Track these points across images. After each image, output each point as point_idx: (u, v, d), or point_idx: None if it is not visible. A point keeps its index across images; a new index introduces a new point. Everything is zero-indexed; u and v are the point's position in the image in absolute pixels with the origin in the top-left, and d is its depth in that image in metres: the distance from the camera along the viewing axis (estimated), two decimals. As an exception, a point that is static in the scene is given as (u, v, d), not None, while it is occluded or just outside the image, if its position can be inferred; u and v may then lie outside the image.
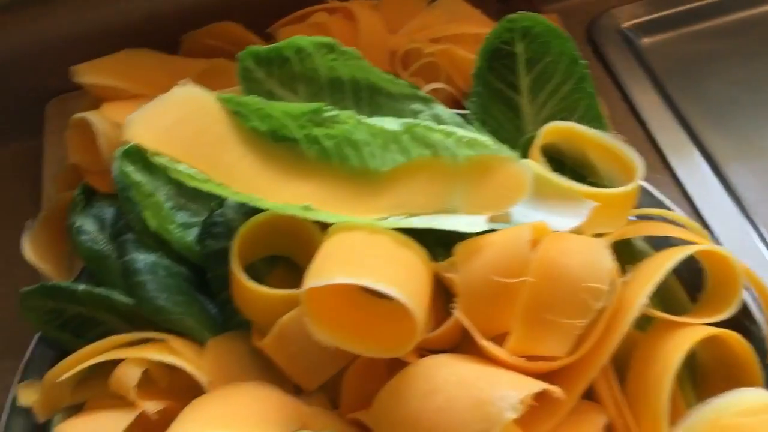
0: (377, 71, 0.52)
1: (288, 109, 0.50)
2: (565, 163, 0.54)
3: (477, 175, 0.47)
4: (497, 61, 0.54)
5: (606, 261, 0.42)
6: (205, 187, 0.47)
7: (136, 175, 0.51)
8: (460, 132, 0.47)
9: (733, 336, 0.44)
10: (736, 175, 0.67)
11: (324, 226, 0.46)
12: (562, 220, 0.46)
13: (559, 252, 0.42)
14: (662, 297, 0.50)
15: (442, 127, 0.48)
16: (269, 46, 0.51)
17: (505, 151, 0.47)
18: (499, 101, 0.55)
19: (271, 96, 0.52)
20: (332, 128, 0.49)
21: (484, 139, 0.47)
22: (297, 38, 0.50)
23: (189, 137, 0.48)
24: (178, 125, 0.48)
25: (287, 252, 0.50)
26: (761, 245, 0.62)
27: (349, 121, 0.48)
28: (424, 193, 0.47)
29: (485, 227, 0.45)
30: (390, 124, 0.48)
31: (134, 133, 0.46)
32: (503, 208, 0.46)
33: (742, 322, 0.48)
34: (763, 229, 0.63)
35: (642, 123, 0.70)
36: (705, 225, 0.64)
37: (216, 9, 0.70)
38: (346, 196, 0.49)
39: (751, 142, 0.69)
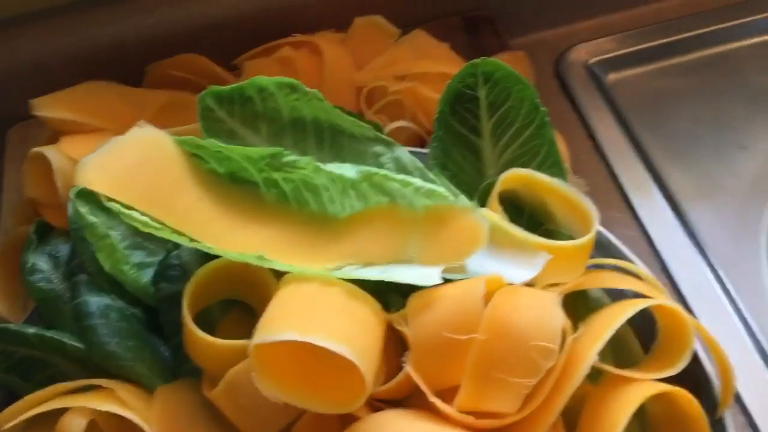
0: (340, 113, 0.52)
1: (247, 152, 0.50)
2: (524, 209, 0.54)
3: (434, 225, 0.47)
4: (460, 104, 0.54)
5: (556, 319, 0.42)
6: (159, 234, 0.46)
7: (91, 215, 0.51)
8: (418, 182, 0.48)
9: (682, 394, 0.44)
10: (696, 214, 0.67)
11: (280, 273, 0.46)
12: (517, 271, 0.47)
13: (510, 308, 0.42)
14: (615, 346, 0.50)
15: (400, 176, 0.48)
16: (231, 86, 0.51)
17: (462, 202, 0.47)
18: (460, 145, 0.55)
19: (232, 135, 0.52)
20: (291, 173, 0.49)
21: (441, 189, 0.47)
22: (259, 78, 0.50)
23: (144, 181, 0.47)
24: (133, 169, 0.47)
25: (242, 296, 0.49)
26: (717, 285, 0.63)
27: (307, 167, 0.48)
28: (381, 243, 0.47)
29: (439, 280, 0.45)
30: (348, 171, 0.48)
31: (87, 178, 0.46)
32: (459, 260, 0.46)
33: (695, 375, 0.48)
34: (720, 270, 0.64)
35: (605, 160, 0.71)
36: (662, 264, 0.64)
37: (182, 40, 0.69)
38: (303, 242, 0.49)
39: (712, 180, 0.70)
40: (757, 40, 0.79)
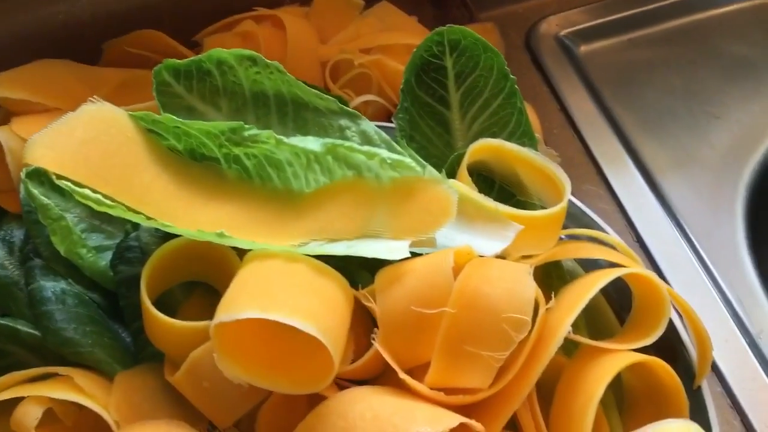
0: (302, 85, 0.50)
1: (206, 127, 0.47)
2: (495, 180, 0.53)
3: (401, 198, 0.45)
4: (426, 75, 0.53)
5: (528, 290, 0.41)
6: (114, 212, 0.44)
7: (43, 197, 0.49)
8: (384, 153, 0.46)
9: (658, 363, 0.43)
10: (670, 185, 0.66)
11: (243, 252, 0.44)
12: (488, 243, 0.45)
13: (480, 280, 0.41)
14: (589, 317, 0.49)
15: (365, 148, 0.46)
16: (188, 59, 0.49)
17: (430, 173, 0.46)
18: (428, 116, 0.53)
19: (191, 112, 0.50)
20: (253, 147, 0.47)
21: (408, 161, 0.46)
22: (218, 51, 0.48)
23: (97, 158, 0.45)
24: (85, 146, 0.45)
25: (205, 278, 0.48)
26: (692, 256, 0.62)
27: (269, 140, 0.46)
28: (346, 217, 0.45)
29: (407, 254, 0.43)
30: (312, 144, 0.46)
31: (35, 156, 0.43)
32: (427, 232, 0.44)
33: (671, 344, 0.47)
34: (695, 240, 0.63)
35: (578, 133, 0.70)
36: (638, 236, 0.63)
37: (140, 16, 0.67)
38: (266, 219, 0.47)
39: (686, 151, 0.69)
40: (728, 8, 0.78)
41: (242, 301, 0.40)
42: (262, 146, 0.47)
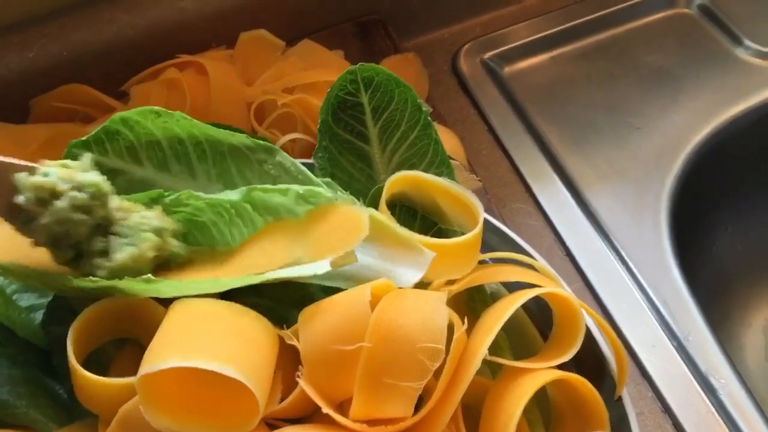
0: (210, 126, 0.51)
1: (130, 199, 0.49)
2: (417, 210, 0.54)
3: (316, 224, 0.47)
4: (343, 112, 0.54)
5: (440, 318, 0.42)
6: (31, 283, 0.45)
7: (-30, 262, 0.49)
8: (295, 187, 0.47)
9: (577, 379, 0.44)
10: (596, 198, 0.68)
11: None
12: (406, 271, 0.47)
13: (394, 312, 0.42)
14: (514, 337, 0.50)
15: (278, 186, 0.47)
16: (92, 132, 0.50)
17: (341, 197, 0.47)
18: (348, 153, 0.55)
19: (114, 174, 0.51)
20: (176, 213, 0.49)
21: (320, 190, 0.47)
22: (119, 113, 0.50)
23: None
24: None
25: (133, 335, 0.48)
26: (620, 266, 0.64)
27: (189, 201, 0.48)
28: (269, 253, 0.46)
29: (328, 268, 0.44)
30: (230, 195, 0.48)
31: None
32: (345, 249, 0.45)
33: (596, 357, 0.49)
34: (622, 250, 0.65)
35: (506, 153, 0.71)
36: (567, 250, 0.65)
37: (67, 70, 0.67)
38: (193, 269, 0.48)
39: (610, 164, 0.71)
40: (643, 21, 0.81)
41: (164, 351, 0.41)
42: (184, 210, 0.49)
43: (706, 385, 0.57)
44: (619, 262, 0.64)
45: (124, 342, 0.49)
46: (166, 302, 0.45)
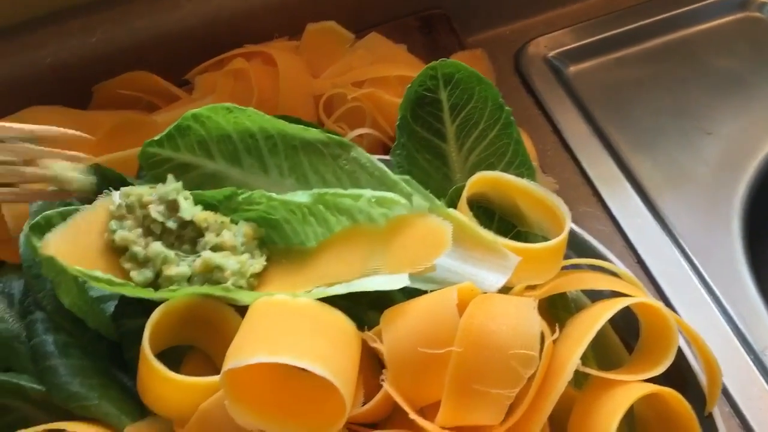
0: (283, 121, 0.51)
1: (205, 199, 0.49)
2: (495, 212, 0.53)
3: (397, 234, 0.46)
4: (421, 108, 0.53)
5: (533, 325, 0.41)
6: (125, 291, 0.46)
7: (45, 249, 0.48)
8: (368, 193, 0.47)
9: (670, 393, 0.43)
10: (667, 204, 0.67)
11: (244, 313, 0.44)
12: (489, 275, 0.45)
13: (485, 318, 0.41)
14: (597, 347, 0.49)
15: (349, 191, 0.47)
16: (164, 132, 0.50)
17: (417, 204, 0.46)
18: (425, 150, 0.54)
19: (185, 169, 0.52)
20: (249, 211, 0.49)
21: (393, 195, 0.46)
22: (190, 111, 0.50)
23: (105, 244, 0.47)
24: (97, 237, 0.47)
25: (203, 343, 0.47)
26: (693, 274, 0.63)
27: (262, 200, 0.48)
28: (344, 261, 0.46)
29: (407, 282, 0.44)
30: (301, 197, 0.48)
31: (61, 252, 0.45)
32: (425, 263, 0.44)
33: (680, 370, 0.47)
34: (694, 258, 0.63)
35: (572, 155, 0.70)
36: (638, 257, 0.64)
37: (128, 57, 0.66)
38: (271, 278, 0.48)
39: (680, 169, 0.69)
40: (714, 23, 0.79)
41: (251, 346, 0.40)
42: (257, 208, 0.48)
43: (783, 400, 0.56)
44: (692, 271, 0.62)
45: (187, 351, 0.48)
46: (242, 312, 0.45)
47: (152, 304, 0.46)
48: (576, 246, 0.53)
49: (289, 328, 0.41)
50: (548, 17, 0.80)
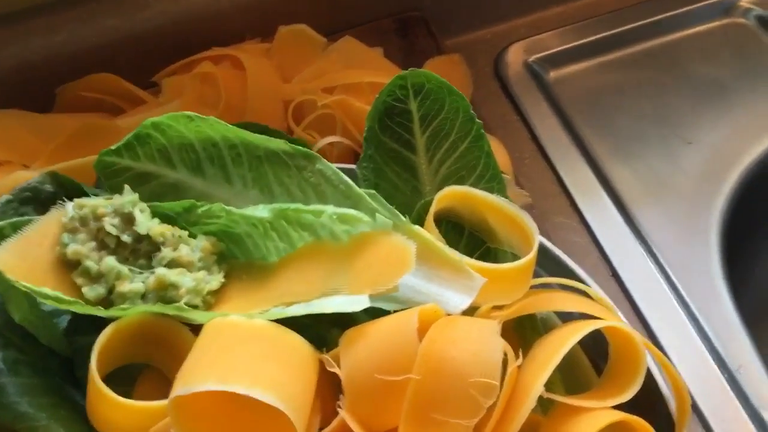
0: (246, 131, 0.49)
1: (163, 210, 0.48)
2: (464, 227, 0.51)
3: (359, 253, 0.44)
4: (390, 119, 0.51)
5: (495, 351, 0.39)
6: (75, 308, 0.44)
7: (-4, 264, 0.46)
8: (330, 209, 0.45)
9: (637, 421, 0.42)
10: (644, 215, 0.65)
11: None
12: (454, 296, 0.44)
13: (445, 343, 0.39)
14: (565, 370, 0.47)
15: (311, 207, 0.46)
16: (121, 140, 0.49)
17: (381, 223, 0.45)
18: (393, 163, 0.52)
19: (145, 179, 0.50)
20: (208, 225, 0.47)
21: (355, 212, 0.45)
22: (149, 119, 0.48)
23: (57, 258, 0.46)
24: (48, 250, 0.45)
25: (157, 361, 0.45)
26: (668, 289, 0.61)
27: (221, 214, 0.46)
28: (305, 280, 0.44)
29: (367, 304, 0.42)
30: (261, 211, 0.46)
31: (9, 268, 0.43)
32: (387, 285, 0.43)
33: (650, 394, 0.46)
34: (670, 272, 0.62)
35: (550, 163, 0.68)
36: (613, 270, 0.62)
37: (94, 58, 0.65)
38: (229, 295, 0.46)
39: (659, 179, 0.68)
40: (698, 29, 0.78)
41: (200, 373, 0.38)
42: (217, 221, 0.47)
43: (758, 421, 0.54)
44: (668, 285, 0.61)
45: (142, 368, 0.47)
46: (196, 330, 0.43)
47: (106, 321, 0.44)
48: (548, 262, 0.51)
49: (240, 352, 0.40)
50: (530, 21, 0.79)
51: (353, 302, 0.42)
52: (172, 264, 0.46)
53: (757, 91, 0.73)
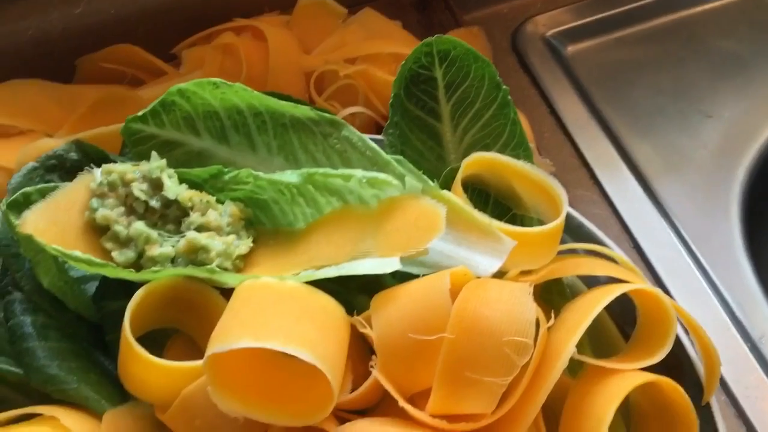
0: (273, 98, 0.49)
1: (190, 177, 0.48)
2: (490, 194, 0.51)
3: (389, 217, 0.45)
4: (416, 87, 0.51)
5: (528, 311, 0.39)
6: (105, 272, 0.44)
7: (23, 228, 0.47)
8: (359, 173, 0.45)
9: (667, 382, 0.42)
10: (664, 188, 0.65)
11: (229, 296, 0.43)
12: (483, 259, 0.44)
13: (478, 303, 0.40)
14: (593, 334, 0.48)
15: (339, 171, 0.46)
16: (147, 107, 0.49)
17: (410, 186, 0.45)
18: (418, 130, 0.52)
19: (170, 146, 0.50)
20: (236, 191, 0.47)
21: (384, 176, 0.45)
22: (175, 86, 0.48)
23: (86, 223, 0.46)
24: (77, 215, 0.46)
25: (187, 326, 0.46)
26: (689, 260, 0.61)
27: (249, 179, 0.46)
28: (334, 243, 0.45)
29: (398, 266, 0.42)
30: (289, 176, 0.46)
31: (40, 230, 0.43)
32: (417, 247, 0.43)
33: (677, 358, 0.46)
34: (691, 243, 0.62)
35: (569, 137, 0.68)
36: (634, 242, 0.62)
37: (114, 29, 0.64)
38: (258, 260, 0.46)
39: (679, 152, 0.68)
40: (715, 4, 0.77)
41: (235, 331, 0.39)
42: (244, 187, 0.47)
43: (780, 389, 0.55)
44: (689, 256, 0.61)
45: (171, 334, 0.47)
46: (227, 295, 0.43)
47: (134, 285, 0.44)
48: (572, 230, 0.51)
49: (275, 312, 0.40)
50: (547, -5, 0.78)
51: (384, 264, 0.42)
52: (201, 228, 0.46)
53: (775, 65, 0.73)
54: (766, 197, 0.67)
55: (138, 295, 0.42)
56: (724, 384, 0.55)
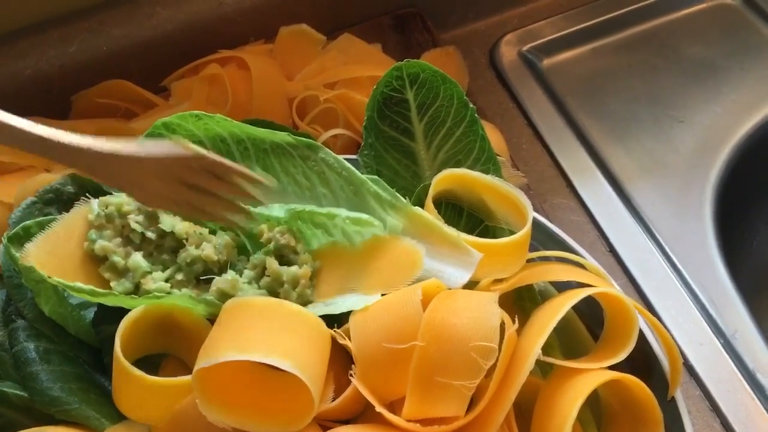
0: (251, 126, 0.52)
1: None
2: (463, 208, 0.54)
3: (372, 256, 0.48)
4: (389, 109, 0.54)
5: (493, 317, 0.42)
6: (107, 301, 0.47)
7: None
8: (343, 213, 0.49)
9: (631, 379, 0.44)
10: (639, 193, 0.67)
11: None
12: (454, 271, 0.47)
13: (447, 312, 0.42)
14: (563, 337, 0.50)
15: (324, 210, 0.49)
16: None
17: (392, 226, 0.48)
18: (393, 149, 0.55)
19: None
20: None
21: (366, 217, 0.48)
22: (160, 119, 0.51)
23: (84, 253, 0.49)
24: (76, 246, 0.49)
25: (178, 351, 0.49)
26: (664, 262, 0.63)
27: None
28: (326, 281, 0.48)
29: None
30: (278, 211, 0.50)
31: (41, 263, 0.47)
32: (398, 285, 0.46)
33: (647, 357, 0.48)
34: (666, 246, 0.64)
35: (546, 147, 0.71)
36: (610, 246, 0.64)
37: (107, 65, 0.68)
38: None
39: (653, 158, 0.70)
40: (685, 12, 0.80)
41: (221, 346, 0.42)
42: None
43: (753, 382, 0.57)
44: (664, 258, 0.63)
45: (163, 358, 0.49)
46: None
47: (130, 310, 0.47)
48: (545, 238, 0.54)
49: (258, 327, 0.43)
50: (523, 11, 0.81)
51: (366, 300, 0.45)
52: (196, 261, 0.49)
53: (745, 69, 0.75)
54: (738, 198, 0.69)
55: (126, 320, 0.46)
56: (698, 379, 0.57)
